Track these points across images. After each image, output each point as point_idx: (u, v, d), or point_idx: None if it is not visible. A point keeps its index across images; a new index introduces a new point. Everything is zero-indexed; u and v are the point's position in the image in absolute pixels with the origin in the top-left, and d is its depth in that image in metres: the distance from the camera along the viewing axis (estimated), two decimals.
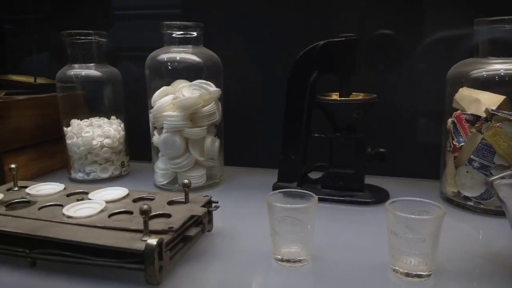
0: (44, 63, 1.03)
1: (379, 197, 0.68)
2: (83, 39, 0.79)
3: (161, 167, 0.77)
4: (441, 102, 0.70)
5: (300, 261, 0.48)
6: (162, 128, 0.74)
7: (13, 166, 0.61)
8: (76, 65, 0.81)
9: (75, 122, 0.81)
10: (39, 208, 0.53)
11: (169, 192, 0.67)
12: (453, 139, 0.66)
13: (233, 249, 0.53)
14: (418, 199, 0.46)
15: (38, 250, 0.46)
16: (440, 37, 0.79)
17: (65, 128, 0.82)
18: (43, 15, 1.02)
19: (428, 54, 0.79)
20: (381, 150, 0.66)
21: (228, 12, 0.88)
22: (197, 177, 0.75)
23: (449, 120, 0.67)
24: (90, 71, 0.81)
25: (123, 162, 0.84)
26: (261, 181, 0.79)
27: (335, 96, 0.69)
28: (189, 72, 0.75)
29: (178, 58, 0.75)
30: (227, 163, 0.84)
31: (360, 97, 0.68)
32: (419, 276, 0.44)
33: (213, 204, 0.57)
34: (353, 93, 0.69)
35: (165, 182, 0.77)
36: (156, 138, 0.76)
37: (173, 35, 0.75)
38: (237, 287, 0.45)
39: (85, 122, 0.81)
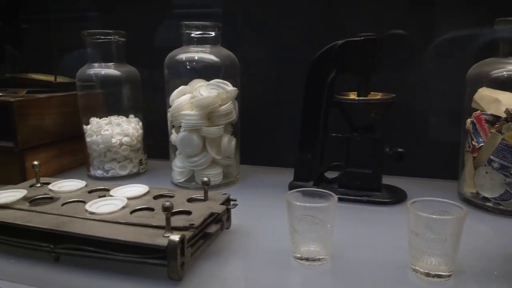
0: (63, 62, 1.05)
1: (397, 197, 0.68)
2: (102, 38, 0.81)
3: (178, 165, 0.78)
4: (460, 102, 0.69)
5: (319, 259, 0.48)
6: (180, 126, 0.75)
7: (35, 163, 0.62)
8: (96, 64, 0.82)
9: (94, 120, 0.83)
10: (62, 204, 0.55)
11: (188, 189, 0.68)
12: (472, 139, 0.65)
13: (251, 247, 0.54)
14: (439, 199, 0.46)
15: (62, 245, 0.48)
16: (458, 36, 0.78)
17: (84, 126, 0.83)
18: (63, 14, 1.03)
19: (447, 54, 0.79)
20: (399, 150, 0.66)
21: (246, 11, 0.88)
22: (214, 175, 0.76)
23: (468, 120, 0.67)
24: (110, 70, 0.83)
25: (141, 160, 0.85)
26: (277, 180, 0.79)
27: (353, 96, 0.69)
28: (207, 72, 0.76)
29: (196, 57, 0.76)
30: (243, 162, 0.85)
31: (379, 97, 0.68)
32: (439, 276, 0.44)
33: (232, 202, 0.58)
34: (371, 92, 0.69)
35: (182, 180, 0.78)
36: (174, 137, 0.77)
37: (192, 35, 0.76)
38: (257, 284, 0.45)
39: (104, 120, 0.83)
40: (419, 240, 0.43)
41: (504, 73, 0.63)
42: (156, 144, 0.88)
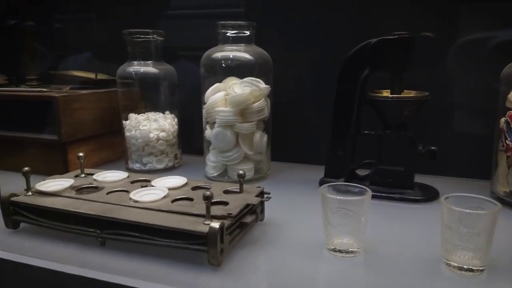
0: (101, 60, 1.09)
1: (429, 195, 0.68)
2: (142, 37, 0.84)
3: (212, 160, 0.80)
4: (493, 101, 0.69)
5: (352, 252, 0.50)
6: (214, 123, 0.77)
7: (80, 154, 0.66)
8: (135, 62, 0.86)
9: (133, 116, 0.86)
10: (107, 193, 0.58)
11: (223, 182, 0.70)
12: (506, 138, 0.65)
13: (285, 238, 0.56)
14: (472, 195, 0.47)
15: (108, 230, 0.51)
16: (493, 35, 0.77)
17: (124, 122, 0.87)
18: (104, 13, 1.08)
19: (480, 52, 0.78)
20: (432, 148, 0.66)
21: (280, 11, 0.90)
22: (245, 170, 0.77)
23: (502, 120, 0.66)
24: (148, 68, 0.86)
25: (176, 154, 0.89)
26: (307, 176, 0.81)
27: (386, 93, 0.70)
28: (241, 70, 0.78)
29: (231, 56, 0.79)
30: (274, 159, 0.86)
31: (412, 95, 0.69)
32: (472, 270, 0.45)
33: (265, 195, 0.60)
34: (405, 90, 0.70)
35: (215, 174, 0.80)
36: (208, 132, 0.79)
37: (227, 34, 0.79)
38: (291, 272, 0.47)
39: (142, 116, 0.86)
40: (452, 234, 0.44)
41: None
42: (190, 140, 0.91)
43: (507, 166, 0.65)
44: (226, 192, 0.58)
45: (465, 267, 0.45)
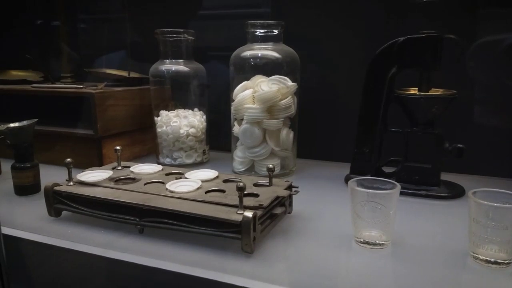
0: (136, 59, 1.13)
1: (455, 192, 0.69)
2: (174, 37, 0.88)
3: (239, 155, 0.83)
4: None
5: (380, 244, 0.51)
6: (242, 119, 0.80)
7: (118, 147, 0.70)
8: (167, 61, 0.89)
9: (163, 112, 0.90)
10: (145, 184, 0.61)
11: (252, 176, 0.73)
12: None
13: (314, 230, 0.58)
14: (499, 190, 0.48)
15: (147, 218, 0.54)
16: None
17: (155, 118, 0.90)
18: (137, 13, 1.11)
19: (510, 50, 0.78)
20: (459, 145, 0.67)
21: (306, 9, 0.92)
22: None
23: None
24: (179, 66, 0.89)
25: (205, 150, 0.92)
26: (333, 173, 0.83)
27: (413, 91, 0.71)
28: (269, 68, 0.80)
29: (259, 54, 0.81)
30: (300, 156, 0.88)
31: (440, 93, 0.70)
32: (498, 263, 0.46)
33: (293, 189, 0.62)
34: (432, 88, 0.71)
35: (243, 169, 0.83)
36: (236, 129, 0.82)
37: (256, 33, 0.81)
38: (320, 262, 0.49)
39: (172, 113, 0.90)
40: (479, 227, 0.45)
41: None
42: (217, 137, 0.94)
43: None
44: (256, 185, 0.61)
45: (491, 260, 0.46)
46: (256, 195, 0.56)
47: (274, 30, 0.81)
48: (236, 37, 0.85)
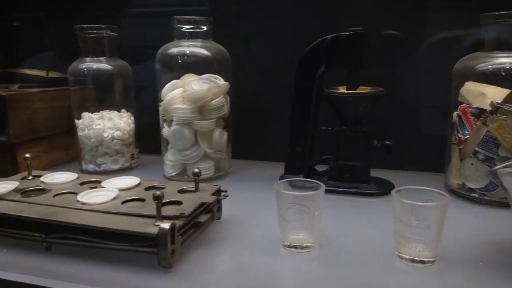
0: (54, 58, 1.05)
1: (385, 188, 0.69)
2: (94, 33, 0.81)
3: (170, 159, 0.78)
4: (447, 96, 0.71)
5: (307, 247, 0.49)
6: (172, 120, 0.75)
7: (27, 155, 0.63)
8: (88, 59, 0.83)
9: (86, 115, 0.83)
10: (54, 195, 0.55)
11: (179, 182, 0.69)
12: (458, 132, 0.67)
13: (241, 236, 0.55)
14: (423, 187, 0.48)
15: (54, 235, 0.48)
16: (446, 33, 0.79)
17: (76, 121, 0.83)
18: (53, 12, 1.03)
19: (435, 50, 0.80)
20: (387, 142, 0.67)
21: (236, 6, 0.89)
22: (205, 168, 0.77)
23: (455, 114, 0.68)
24: (101, 64, 0.83)
25: (133, 154, 0.86)
26: (269, 173, 0.80)
27: (342, 90, 0.70)
28: (198, 66, 0.76)
29: (188, 51, 0.77)
30: (235, 157, 0.85)
31: (367, 91, 0.69)
32: (424, 262, 0.45)
33: (222, 193, 0.59)
34: (360, 86, 0.71)
35: (174, 173, 0.78)
36: (166, 131, 0.77)
37: (183, 29, 0.77)
38: (246, 272, 0.46)
39: (96, 115, 0.83)
40: (403, 226, 0.45)
41: (489, 67, 0.65)
42: (147, 139, 0.89)
43: (459, 159, 0.67)
44: (181, 191, 0.57)
45: (416, 259, 0.45)
46: (179, 203, 0.52)
47: (202, 27, 0.77)
48: (167, 35, 0.80)
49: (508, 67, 0.63)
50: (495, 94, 0.64)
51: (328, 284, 0.44)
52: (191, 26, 0.77)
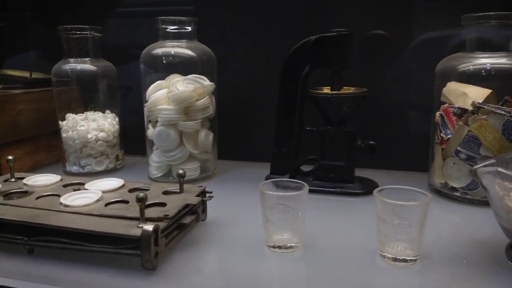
0: (39, 59, 1.04)
1: (369, 188, 0.69)
2: (78, 33, 0.80)
3: (155, 160, 0.78)
4: (430, 96, 0.72)
5: (291, 247, 0.49)
6: (157, 121, 0.75)
7: (10, 157, 0.62)
8: (72, 60, 0.82)
9: (70, 116, 0.82)
10: (37, 198, 0.54)
11: (164, 183, 0.68)
12: (440, 131, 0.67)
13: (226, 237, 0.55)
14: (404, 187, 0.48)
15: (36, 237, 0.48)
16: (429, 34, 0.80)
17: (60, 122, 0.82)
18: (37, 12, 1.02)
19: (418, 51, 0.81)
20: (371, 142, 0.68)
21: (222, 7, 0.89)
22: (191, 169, 0.76)
23: (437, 113, 0.69)
24: (85, 65, 0.82)
25: (118, 155, 0.85)
26: (255, 174, 0.80)
27: (326, 90, 0.71)
28: (183, 66, 0.76)
29: (172, 52, 0.77)
30: (221, 157, 0.85)
31: (351, 91, 0.70)
32: (406, 260, 0.46)
33: (207, 194, 0.59)
34: (344, 87, 0.71)
35: (159, 174, 0.78)
36: (150, 132, 0.77)
37: (168, 30, 0.77)
38: (231, 273, 0.47)
39: (80, 116, 0.82)
40: (385, 226, 0.45)
41: (471, 67, 0.66)
42: (132, 140, 0.88)
43: (442, 158, 0.67)
44: (165, 193, 0.57)
45: (399, 257, 0.46)
46: (163, 205, 0.52)
47: (187, 27, 0.77)
48: (150, 35, 0.79)
49: (488, 68, 0.65)
50: (476, 94, 0.65)
51: (312, 283, 0.44)
52: (176, 27, 0.76)
